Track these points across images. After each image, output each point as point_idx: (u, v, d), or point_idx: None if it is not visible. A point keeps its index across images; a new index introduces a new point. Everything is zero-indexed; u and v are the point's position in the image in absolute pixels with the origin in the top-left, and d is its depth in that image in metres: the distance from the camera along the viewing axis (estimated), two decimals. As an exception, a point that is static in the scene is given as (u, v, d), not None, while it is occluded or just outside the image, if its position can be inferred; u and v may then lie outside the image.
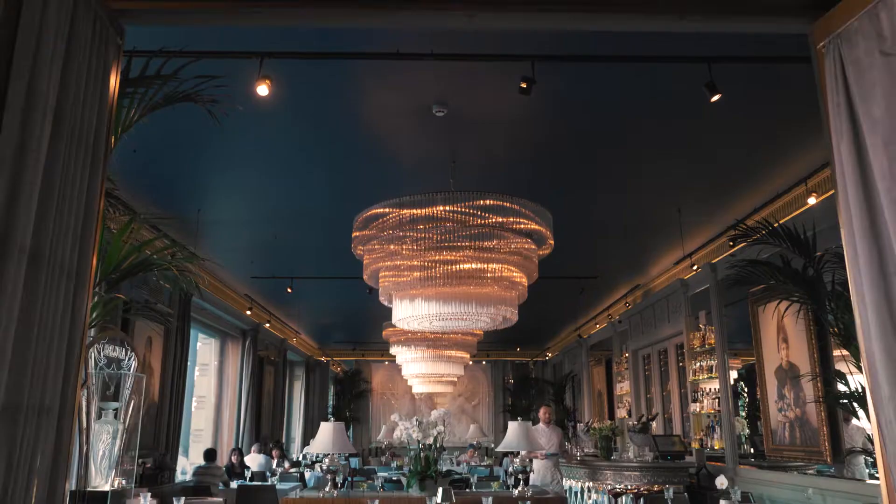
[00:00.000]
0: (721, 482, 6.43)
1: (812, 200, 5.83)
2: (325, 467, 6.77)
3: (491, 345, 17.28)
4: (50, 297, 1.84)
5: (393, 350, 11.94)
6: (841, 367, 5.63)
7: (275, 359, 14.97)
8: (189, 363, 12.42)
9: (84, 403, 2.37)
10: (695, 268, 8.35)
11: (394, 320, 5.86)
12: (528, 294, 6.03)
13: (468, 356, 12.39)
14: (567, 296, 11.30)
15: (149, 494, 5.95)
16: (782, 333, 7.08)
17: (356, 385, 20.25)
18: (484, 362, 20.18)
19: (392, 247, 5.62)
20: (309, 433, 15.81)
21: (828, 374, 6.25)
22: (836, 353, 6.37)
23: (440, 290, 5.52)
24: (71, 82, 1.88)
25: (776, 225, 5.43)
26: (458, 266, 5.44)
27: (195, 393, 12.73)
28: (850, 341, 4.99)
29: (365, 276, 5.87)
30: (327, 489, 6.47)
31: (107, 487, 2.38)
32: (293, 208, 7.66)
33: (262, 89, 3.90)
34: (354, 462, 14.85)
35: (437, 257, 5.41)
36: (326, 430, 6.73)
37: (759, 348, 7.54)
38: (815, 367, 6.34)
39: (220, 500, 6.62)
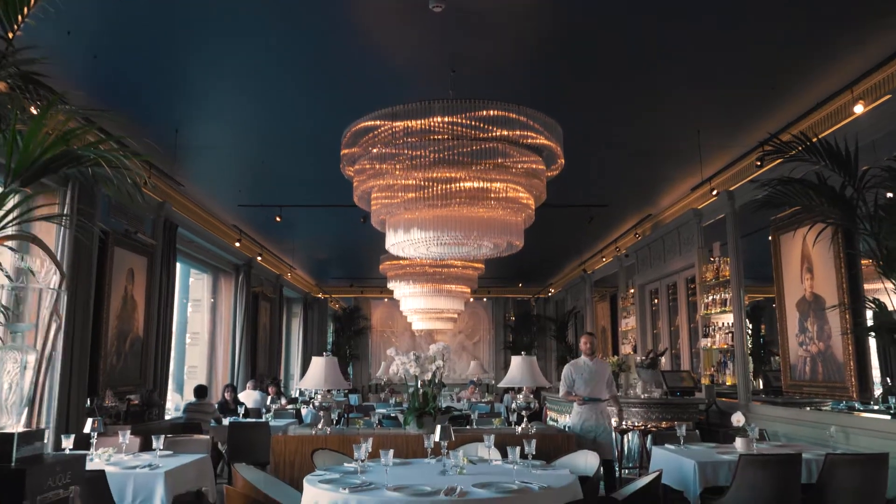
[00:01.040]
0: (737, 419, 6.06)
1: (859, 109, 5.21)
2: (317, 404, 6.40)
3: (492, 281, 16.88)
4: None
5: (391, 284, 11.51)
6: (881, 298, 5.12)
7: (271, 295, 14.59)
8: (182, 299, 12.06)
9: (-24, 325, 1.88)
10: (714, 193, 7.78)
11: (387, 245, 5.34)
12: (533, 218, 5.49)
13: (469, 291, 11.97)
14: (573, 226, 10.76)
15: (128, 432, 5.60)
16: (807, 263, 6.59)
17: (355, 322, 20.00)
18: (485, 299, 19.85)
19: (384, 166, 5.05)
20: (307, 370, 15.59)
21: (858, 305, 5.79)
22: (869, 286, 5.91)
23: (438, 212, 4.98)
24: None
25: (815, 139, 4.83)
26: (458, 185, 4.88)
27: (189, 329, 12.41)
28: (893, 269, 4.50)
29: (355, 198, 5.31)
30: (320, 426, 6.11)
31: (16, 428, 1.91)
32: (278, 128, 7.04)
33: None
34: (354, 399, 14.67)
35: (435, 175, 4.84)
36: (318, 365, 6.32)
37: (779, 280, 7.06)
38: (845, 298, 5.86)
39: (207, 437, 6.26)
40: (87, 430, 5.33)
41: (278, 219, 9.15)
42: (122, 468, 4.83)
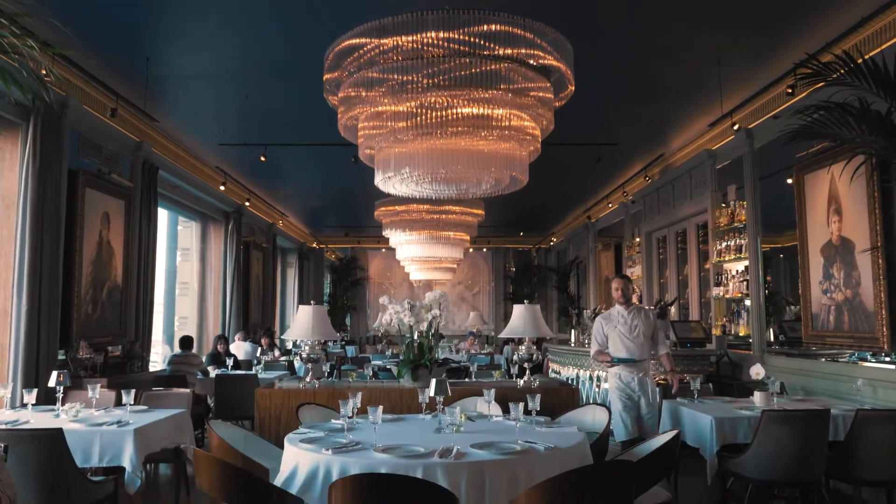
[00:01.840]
0: (756, 371, 5.64)
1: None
2: (304, 355, 5.97)
3: (492, 230, 16.38)
4: None
5: (387, 232, 11.02)
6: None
7: (264, 244, 14.10)
8: (169, 247, 11.57)
9: None
10: (735, 127, 7.19)
11: (377, 181, 4.81)
12: (540, 151, 4.93)
13: (468, 238, 11.48)
14: (578, 168, 10.18)
15: (98, 386, 5.16)
16: (834, 204, 6.07)
17: (352, 273, 19.59)
18: (484, 249, 19.40)
19: (371, 93, 4.47)
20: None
21: (893, 248, 5.30)
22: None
23: (433, 143, 4.43)
24: None
25: (860, 61, 4.26)
26: (455, 112, 4.32)
27: (178, 279, 11.96)
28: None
29: (340, 127, 4.76)
30: (308, 379, 5.70)
31: None
32: (260, 57, 6.41)
33: None
34: (351, 350, 14.32)
35: (429, 101, 4.28)
36: (306, 314, 5.86)
37: (802, 223, 6.55)
38: (879, 240, 5.37)
39: (187, 390, 5.85)
40: (51, 383, 4.90)
41: (263, 158, 8.56)
42: (88, 425, 4.42)
